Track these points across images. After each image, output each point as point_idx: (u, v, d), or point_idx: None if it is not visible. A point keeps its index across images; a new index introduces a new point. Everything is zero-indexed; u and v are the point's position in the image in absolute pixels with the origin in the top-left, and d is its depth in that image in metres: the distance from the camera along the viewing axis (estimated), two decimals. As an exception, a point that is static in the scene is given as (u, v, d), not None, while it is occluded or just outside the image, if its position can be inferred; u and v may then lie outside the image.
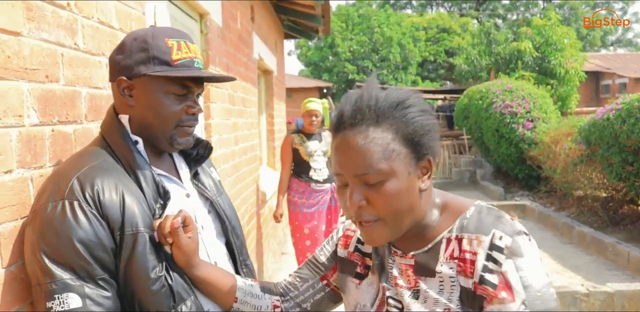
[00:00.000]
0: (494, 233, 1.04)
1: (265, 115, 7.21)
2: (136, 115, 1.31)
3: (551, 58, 13.23)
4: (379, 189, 1.04)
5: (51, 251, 1.12)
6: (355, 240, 1.29)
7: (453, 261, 1.07)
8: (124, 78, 1.29)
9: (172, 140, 1.32)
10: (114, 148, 1.30)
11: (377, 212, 1.06)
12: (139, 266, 1.18)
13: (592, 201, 7.49)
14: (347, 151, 1.05)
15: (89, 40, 1.65)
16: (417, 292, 1.10)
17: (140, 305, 1.19)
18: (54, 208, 1.15)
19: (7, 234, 1.18)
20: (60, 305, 1.10)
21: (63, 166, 1.28)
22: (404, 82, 26.36)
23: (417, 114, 1.06)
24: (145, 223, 1.22)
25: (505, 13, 37.27)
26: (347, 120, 1.06)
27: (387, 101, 1.06)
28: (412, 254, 1.13)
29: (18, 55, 1.25)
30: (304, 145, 4.95)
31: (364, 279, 1.23)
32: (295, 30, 8.76)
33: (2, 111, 1.18)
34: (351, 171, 1.05)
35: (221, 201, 1.50)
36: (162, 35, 1.29)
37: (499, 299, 0.99)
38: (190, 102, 1.33)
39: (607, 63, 26.23)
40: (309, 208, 4.92)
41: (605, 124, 6.21)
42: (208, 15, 3.36)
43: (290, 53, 35.64)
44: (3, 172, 1.18)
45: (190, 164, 1.48)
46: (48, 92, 1.39)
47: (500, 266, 1.01)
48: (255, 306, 1.33)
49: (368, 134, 1.04)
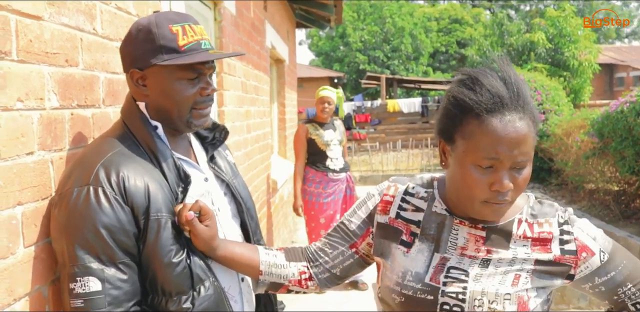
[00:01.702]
0: (557, 214, 1.24)
1: (277, 104, 7.22)
2: (152, 103, 1.34)
3: (564, 50, 13.09)
4: (522, 172, 1.14)
5: (75, 234, 1.17)
6: (397, 206, 1.32)
7: (526, 240, 1.22)
8: (135, 70, 1.31)
9: (188, 123, 1.35)
10: (136, 134, 1.32)
11: (514, 193, 1.14)
12: (163, 250, 1.22)
13: (603, 195, 7.45)
14: (515, 137, 1.10)
15: (107, 25, 1.67)
16: (487, 261, 1.20)
17: (160, 286, 1.23)
18: (79, 193, 1.18)
19: (29, 214, 1.20)
20: (82, 287, 1.15)
21: (88, 151, 1.30)
22: (415, 72, 26.23)
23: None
24: (168, 208, 1.26)
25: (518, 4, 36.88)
26: (507, 102, 1.12)
27: (526, 89, 1.15)
28: (484, 226, 1.22)
29: (39, 39, 1.27)
30: (319, 135, 4.90)
31: (411, 247, 1.26)
32: (308, 20, 8.73)
33: (24, 94, 1.20)
34: (514, 157, 1.11)
35: (236, 182, 1.54)
36: (165, 22, 1.30)
37: (582, 259, 1.20)
38: (203, 84, 1.34)
39: (621, 55, 25.94)
40: (326, 198, 4.89)
41: (619, 117, 6.16)
42: (222, 3, 3.36)
43: (301, 42, 35.55)
44: (25, 153, 1.20)
45: (207, 148, 1.51)
46: (68, 76, 1.40)
47: (571, 234, 1.22)
48: (280, 276, 1.37)
49: (528, 123, 1.12)
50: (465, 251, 1.22)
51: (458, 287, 1.17)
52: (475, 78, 1.14)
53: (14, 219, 1.14)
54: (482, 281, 1.17)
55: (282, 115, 7.26)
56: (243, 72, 4.00)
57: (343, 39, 27.09)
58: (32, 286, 1.20)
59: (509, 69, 1.16)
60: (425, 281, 1.20)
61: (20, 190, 1.17)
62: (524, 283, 1.18)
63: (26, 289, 1.18)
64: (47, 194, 1.29)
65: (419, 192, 1.33)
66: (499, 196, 1.12)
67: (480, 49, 15.57)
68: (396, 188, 1.36)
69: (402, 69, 26.22)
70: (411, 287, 1.21)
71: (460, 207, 1.23)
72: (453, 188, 1.22)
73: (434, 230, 1.26)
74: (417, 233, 1.27)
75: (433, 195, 1.31)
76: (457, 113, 1.15)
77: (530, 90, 9.58)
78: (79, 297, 1.15)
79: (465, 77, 1.17)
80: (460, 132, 1.15)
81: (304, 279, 1.37)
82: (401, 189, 1.35)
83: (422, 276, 1.21)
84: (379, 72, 24.24)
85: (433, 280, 1.20)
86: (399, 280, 1.23)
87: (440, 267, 1.21)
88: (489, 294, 1.15)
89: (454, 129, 1.17)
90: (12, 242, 1.13)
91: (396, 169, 12.52)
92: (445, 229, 1.25)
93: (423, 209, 1.30)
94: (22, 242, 1.17)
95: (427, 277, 1.20)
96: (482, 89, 1.12)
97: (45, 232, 1.26)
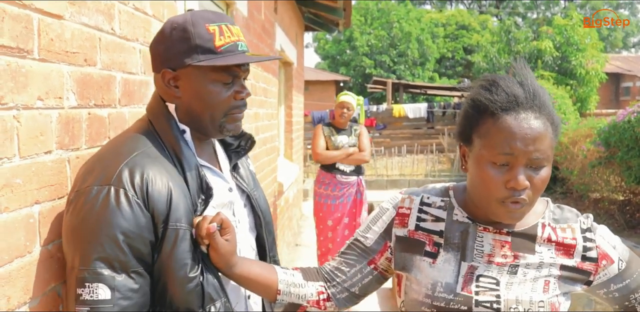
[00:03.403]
0: (579, 220, 1.26)
1: (284, 106, 7.23)
2: (183, 105, 1.27)
3: (571, 58, 13.09)
4: (539, 173, 1.13)
5: (89, 237, 1.10)
6: (415, 218, 1.29)
7: (550, 244, 1.23)
8: (168, 70, 1.25)
9: (221, 128, 1.29)
10: (162, 135, 1.26)
11: (532, 194, 1.14)
12: (178, 263, 1.15)
13: (608, 204, 7.43)
14: (529, 133, 1.11)
15: (125, 25, 1.67)
16: (515, 267, 1.20)
17: (169, 301, 1.16)
18: (98, 192, 1.12)
19: (45, 213, 1.20)
20: (89, 294, 1.08)
21: (111, 148, 1.24)
22: (421, 78, 26.23)
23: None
24: (187, 219, 1.18)
25: (525, 11, 36.89)
26: (522, 101, 1.14)
27: (544, 94, 1.17)
28: (508, 231, 1.22)
29: (60, 39, 1.27)
30: (332, 138, 4.89)
31: (437, 257, 1.23)
32: (316, 23, 8.75)
33: (44, 93, 1.20)
34: (529, 154, 1.11)
35: (257, 194, 1.46)
36: (202, 21, 1.24)
37: (602, 266, 1.22)
38: (238, 88, 1.29)
39: (628, 65, 25.90)
40: (334, 200, 4.89)
41: (626, 127, 6.15)
42: (234, 5, 3.38)
43: (307, 45, 35.58)
44: (44, 152, 1.20)
45: (231, 156, 1.44)
46: (86, 75, 1.40)
47: (593, 241, 1.23)
48: (299, 296, 1.32)
49: (544, 122, 1.13)
50: (493, 258, 1.21)
51: (491, 296, 1.16)
52: (493, 80, 1.18)
53: (31, 218, 1.15)
54: (514, 289, 1.17)
55: (289, 118, 7.27)
56: (252, 74, 4.01)
57: (350, 42, 27.12)
58: (48, 285, 1.20)
59: (526, 72, 1.19)
60: (457, 292, 1.18)
61: (38, 188, 1.17)
62: (554, 289, 1.18)
63: (42, 288, 1.18)
64: (64, 193, 1.29)
65: (436, 202, 1.31)
66: (515, 193, 1.12)
67: (487, 56, 15.58)
68: (411, 200, 1.33)
69: (408, 74, 26.23)
70: (443, 298, 1.18)
71: (481, 210, 1.23)
72: (472, 190, 1.22)
73: (458, 238, 1.24)
74: (441, 243, 1.25)
75: (451, 203, 1.29)
76: (474, 113, 1.18)
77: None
78: (85, 304, 1.08)
79: (483, 81, 1.21)
80: (477, 132, 1.17)
81: (322, 300, 1.33)
82: (416, 200, 1.32)
83: (453, 286, 1.19)
84: (384, 76, 24.25)
85: (465, 290, 1.18)
86: (428, 292, 1.20)
87: (470, 276, 1.19)
88: (524, 303, 1.15)
89: (471, 130, 1.19)
90: (29, 241, 1.13)
91: (401, 174, 12.51)
92: (469, 237, 1.23)
93: (443, 219, 1.28)
94: (38, 240, 1.17)
95: (459, 287, 1.18)
96: (498, 89, 1.16)
97: (61, 232, 1.26)
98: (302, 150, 8.92)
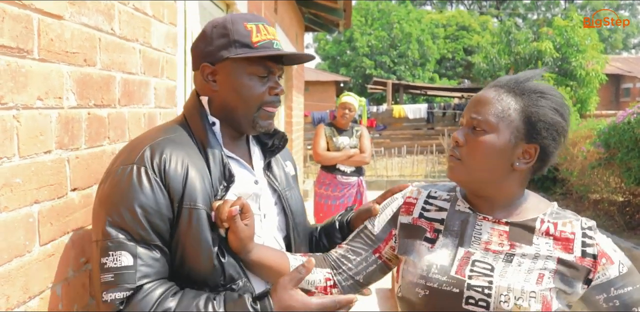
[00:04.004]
0: (581, 219, 1.28)
1: (284, 107, 7.23)
2: (219, 99, 1.34)
3: (572, 59, 13.07)
4: (478, 135, 1.23)
5: (113, 211, 1.16)
6: (420, 207, 1.37)
7: (548, 237, 1.25)
8: (207, 64, 1.32)
9: (254, 123, 1.34)
10: (192, 126, 1.33)
11: (464, 153, 1.24)
12: (193, 242, 1.20)
13: (608, 205, 7.43)
14: (477, 99, 1.27)
15: (125, 26, 1.67)
16: (511, 256, 1.23)
17: (190, 278, 1.21)
18: (123, 171, 1.19)
19: (45, 212, 1.20)
20: (114, 261, 1.13)
21: (141, 136, 1.33)
22: (421, 78, 26.23)
23: (548, 106, 1.23)
24: (204, 200, 1.23)
25: (525, 12, 36.90)
26: (497, 83, 1.29)
27: (535, 86, 1.26)
28: (507, 221, 1.27)
29: (60, 39, 1.28)
30: (333, 139, 4.88)
31: (435, 242, 1.29)
32: (316, 24, 8.76)
33: (44, 93, 1.21)
34: (469, 114, 1.26)
35: (289, 194, 1.49)
36: (241, 20, 1.33)
37: (602, 265, 1.22)
38: (272, 83, 1.35)
39: (628, 66, 25.90)
40: (334, 201, 4.89)
41: (626, 128, 6.15)
42: (235, 6, 3.38)
43: (308, 46, 35.60)
44: (43, 152, 1.20)
45: (266, 155, 1.48)
46: (86, 75, 1.41)
47: (593, 239, 1.24)
48: (308, 281, 1.36)
49: (501, 95, 1.25)
50: (489, 246, 1.25)
51: (484, 281, 1.19)
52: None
53: (30, 217, 1.15)
54: (508, 277, 1.19)
55: (289, 119, 7.27)
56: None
57: (350, 43, 27.13)
58: (47, 284, 1.21)
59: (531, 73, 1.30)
60: (451, 274, 1.21)
61: (38, 188, 1.18)
62: (547, 282, 1.19)
63: (41, 288, 1.18)
64: (63, 193, 1.29)
65: (442, 195, 1.38)
66: (453, 148, 1.27)
67: (487, 57, 15.56)
68: (419, 192, 1.41)
69: (409, 75, 26.23)
70: (436, 279, 1.22)
71: (479, 200, 1.30)
72: None
73: (458, 226, 1.29)
74: (441, 229, 1.30)
75: (456, 196, 1.36)
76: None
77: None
78: (109, 272, 1.13)
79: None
80: None
81: (329, 286, 1.37)
82: (424, 193, 1.40)
83: (447, 268, 1.23)
84: (385, 77, 24.25)
85: (459, 273, 1.21)
86: (423, 273, 1.24)
87: (466, 260, 1.23)
88: (515, 291, 1.17)
89: None
90: (28, 240, 1.14)
91: (400, 174, 12.50)
92: (469, 226, 1.28)
93: (446, 209, 1.34)
94: (38, 240, 1.17)
95: (453, 270, 1.22)
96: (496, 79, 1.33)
97: (61, 231, 1.26)
98: (302, 151, 8.93)
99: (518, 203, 1.29)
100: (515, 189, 1.28)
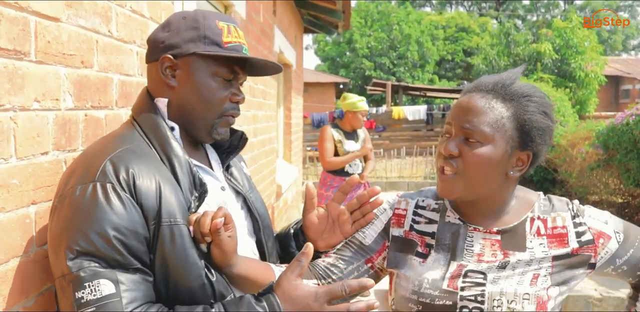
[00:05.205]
0: (568, 208, 1.27)
1: (283, 108, 7.24)
2: (177, 99, 1.23)
3: (571, 61, 13.09)
4: (474, 147, 1.17)
5: (80, 238, 1.01)
6: (410, 219, 1.33)
7: (541, 237, 1.24)
8: (169, 56, 1.21)
9: (212, 130, 1.25)
10: (147, 133, 1.20)
11: (460, 166, 1.18)
12: (180, 260, 1.08)
13: (607, 207, 7.41)
14: (466, 107, 1.20)
15: (122, 28, 1.68)
16: (505, 264, 1.21)
17: (177, 299, 1.10)
18: (83, 191, 1.04)
19: (42, 213, 1.21)
20: (92, 293, 0.98)
21: (92, 148, 1.18)
22: (420, 80, 26.24)
23: (538, 111, 1.20)
24: (183, 215, 1.12)
25: (525, 14, 36.93)
26: (481, 87, 1.22)
27: (521, 88, 1.21)
28: (497, 230, 1.24)
29: (57, 41, 1.28)
30: (342, 143, 4.81)
31: (427, 258, 1.27)
32: (315, 25, 8.76)
33: (41, 94, 1.21)
34: (460, 123, 1.19)
35: (253, 197, 1.41)
36: (213, 17, 1.25)
37: (601, 245, 1.23)
38: (235, 90, 1.27)
39: (627, 68, 25.91)
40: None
41: (625, 129, 6.15)
42: (233, 8, 3.39)
43: (307, 47, 35.61)
44: (40, 153, 1.21)
45: (222, 157, 1.39)
46: (83, 77, 1.42)
47: (584, 224, 1.24)
48: None
49: (491, 102, 1.19)
50: (482, 257, 1.23)
51: (476, 291, 1.18)
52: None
53: (27, 218, 1.16)
54: (500, 283, 1.18)
55: (288, 120, 7.28)
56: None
57: (350, 44, 27.14)
58: (44, 284, 1.21)
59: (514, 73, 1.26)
60: (443, 287, 1.20)
61: (35, 189, 1.18)
62: (543, 282, 1.18)
63: (38, 288, 1.19)
64: (60, 194, 1.30)
65: (430, 204, 1.34)
66: (445, 160, 1.20)
67: (486, 58, 15.59)
68: (407, 202, 1.36)
69: (408, 76, 26.24)
70: (429, 294, 1.20)
71: (470, 210, 1.27)
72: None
73: (449, 240, 1.26)
74: (432, 244, 1.27)
75: (444, 206, 1.32)
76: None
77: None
78: (89, 305, 0.98)
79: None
80: None
81: None
82: (412, 203, 1.35)
83: (439, 283, 1.20)
84: (384, 78, 24.26)
85: (451, 286, 1.19)
86: (415, 288, 1.22)
87: (458, 273, 1.21)
88: (508, 294, 1.16)
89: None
90: (25, 241, 1.14)
91: (400, 176, 12.50)
92: (460, 238, 1.25)
93: (436, 221, 1.30)
94: (35, 241, 1.18)
95: (445, 283, 1.20)
96: (480, 79, 1.27)
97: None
98: (301, 152, 8.93)
99: (507, 206, 1.27)
100: (507, 196, 1.27)
